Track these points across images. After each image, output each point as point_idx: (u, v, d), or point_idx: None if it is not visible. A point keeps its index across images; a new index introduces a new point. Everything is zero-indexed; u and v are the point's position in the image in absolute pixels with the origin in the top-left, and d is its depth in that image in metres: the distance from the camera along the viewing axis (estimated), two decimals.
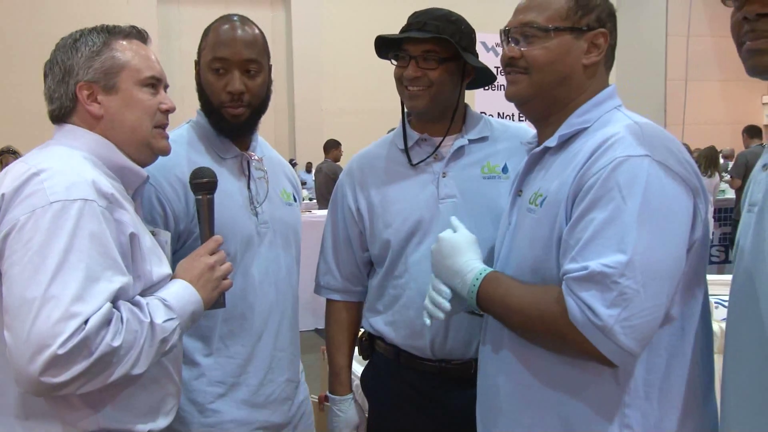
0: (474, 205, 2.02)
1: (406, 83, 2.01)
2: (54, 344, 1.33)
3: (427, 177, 2.07)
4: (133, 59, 1.66)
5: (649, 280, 1.36)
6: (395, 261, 2.07)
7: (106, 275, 1.44)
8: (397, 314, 2.07)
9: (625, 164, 1.40)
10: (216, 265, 1.73)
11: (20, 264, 1.39)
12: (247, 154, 2.11)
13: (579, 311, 1.38)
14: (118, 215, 1.53)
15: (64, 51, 1.65)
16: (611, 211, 1.38)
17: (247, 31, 2.03)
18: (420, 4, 2.44)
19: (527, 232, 1.60)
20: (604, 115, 1.58)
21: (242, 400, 2.06)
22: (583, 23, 1.59)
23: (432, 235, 2.00)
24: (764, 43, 1.25)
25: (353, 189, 2.17)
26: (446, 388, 2.02)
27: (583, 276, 1.37)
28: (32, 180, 1.45)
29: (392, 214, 2.07)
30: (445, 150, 2.08)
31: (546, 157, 1.64)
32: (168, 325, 1.54)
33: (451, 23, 2.01)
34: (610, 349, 1.37)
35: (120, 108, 1.65)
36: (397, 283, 2.08)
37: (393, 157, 2.15)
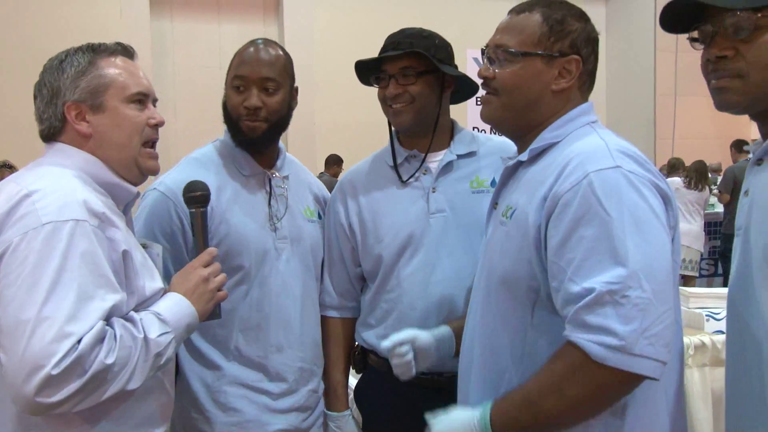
0: (463, 220, 2.03)
1: (389, 102, 2.06)
2: (48, 365, 1.34)
3: (417, 192, 2.09)
4: (119, 76, 1.66)
5: (655, 285, 1.34)
6: (387, 276, 2.08)
7: (99, 294, 1.45)
8: (390, 328, 2.07)
9: (600, 177, 1.39)
10: (210, 277, 1.73)
11: (14, 285, 1.40)
12: (269, 172, 2.17)
13: (597, 345, 1.33)
14: (110, 233, 1.53)
15: (51, 72, 1.65)
16: (598, 225, 1.36)
17: (269, 52, 2.13)
18: (412, 19, 2.45)
19: (498, 244, 1.59)
20: (576, 131, 1.57)
21: (265, 405, 2.11)
22: (555, 49, 1.58)
23: (423, 249, 2.03)
24: (725, 82, 1.34)
25: (345, 205, 2.19)
26: (437, 399, 1.99)
27: (592, 300, 1.34)
28: (24, 201, 1.46)
29: (383, 230, 2.08)
30: (434, 165, 2.10)
31: (519, 170, 1.64)
32: (162, 339, 1.54)
33: (423, 38, 2.07)
34: (644, 365, 1.33)
35: (108, 126, 1.65)
36: (389, 297, 2.08)
37: (383, 174, 2.16)
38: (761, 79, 1.31)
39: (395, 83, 2.05)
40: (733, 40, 1.30)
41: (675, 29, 1.42)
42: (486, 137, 2.22)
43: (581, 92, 1.65)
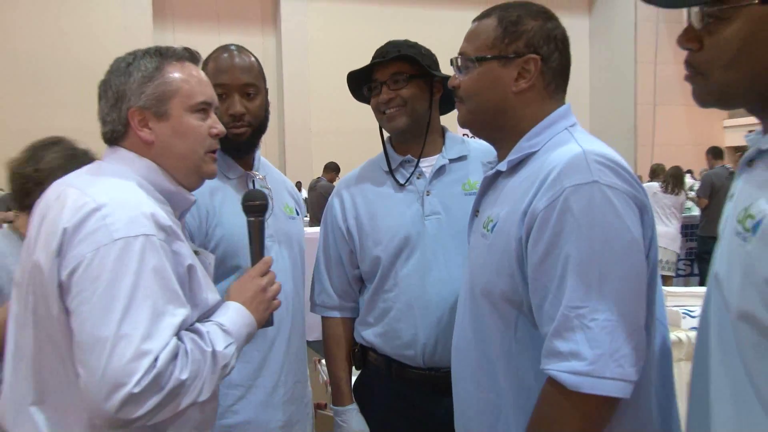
0: (457, 221, 2.02)
1: (383, 108, 2.06)
2: (129, 383, 1.32)
3: (412, 196, 2.09)
4: (185, 84, 1.59)
5: (625, 306, 1.31)
6: (385, 276, 2.08)
7: (169, 309, 1.42)
8: (388, 326, 2.08)
9: (576, 193, 1.33)
10: (267, 286, 1.70)
11: (89, 302, 1.36)
12: (251, 174, 2.15)
13: (569, 374, 1.31)
14: (175, 247, 1.49)
15: (118, 75, 1.57)
16: (573, 245, 1.33)
17: (243, 58, 2.09)
18: (401, 33, 2.46)
19: (480, 256, 1.55)
20: (554, 138, 1.50)
21: (259, 402, 2.08)
22: (511, 50, 1.52)
23: (419, 251, 2.03)
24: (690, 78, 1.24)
25: (343, 210, 2.19)
26: (436, 395, 2.00)
27: (560, 324, 1.32)
28: (93, 216, 1.40)
29: (381, 232, 2.08)
30: (427, 169, 2.10)
31: (499, 180, 1.58)
32: (228, 351, 1.52)
33: (410, 47, 2.09)
34: (613, 387, 1.30)
35: (171, 135, 1.58)
36: (387, 296, 2.08)
37: (378, 179, 2.17)
38: (722, 79, 1.17)
39: (387, 89, 2.04)
40: (698, 31, 1.19)
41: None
42: (476, 141, 2.21)
43: (549, 92, 1.54)
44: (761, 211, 1.08)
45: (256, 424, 2.08)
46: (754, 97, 1.18)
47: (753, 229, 1.09)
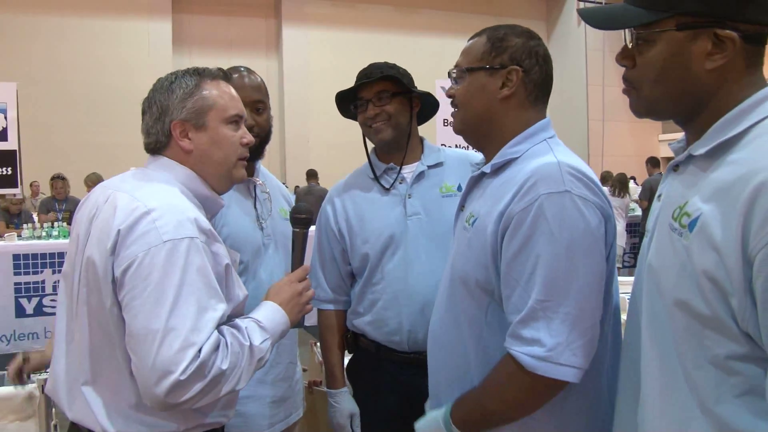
0: (435, 220, 2.03)
1: (369, 123, 2.05)
2: (177, 371, 1.31)
3: (396, 199, 2.08)
4: (220, 99, 1.58)
5: (584, 303, 1.30)
6: (373, 271, 2.07)
7: (212, 304, 1.40)
8: (376, 315, 2.07)
9: (550, 201, 1.32)
10: (303, 291, 1.69)
11: (141, 297, 1.35)
12: (252, 180, 2.14)
13: (528, 357, 1.30)
14: (214, 248, 1.47)
15: (162, 92, 1.56)
16: (543, 245, 1.31)
17: (253, 78, 2.09)
18: (390, 56, 2.47)
19: (461, 247, 1.54)
20: (534, 147, 1.49)
21: (255, 379, 2.02)
22: (497, 62, 1.50)
23: (402, 247, 2.02)
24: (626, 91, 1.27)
25: (334, 214, 2.17)
26: (419, 374, 1.95)
27: (527, 314, 1.31)
28: (144, 219, 1.39)
29: (368, 232, 2.07)
30: (408, 175, 2.10)
31: (483, 180, 1.57)
32: (264, 346, 1.51)
33: (390, 68, 2.08)
34: (567, 373, 1.30)
35: (208, 144, 1.57)
36: (375, 289, 2.07)
37: (365, 185, 2.15)
38: (649, 94, 1.21)
39: (373, 106, 2.04)
40: (631, 50, 1.22)
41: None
42: (450, 150, 2.22)
43: (530, 102, 1.53)
44: (698, 209, 1.08)
45: (252, 399, 2.07)
46: (678, 109, 1.20)
47: (690, 226, 1.09)
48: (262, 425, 2.11)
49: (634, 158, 15.94)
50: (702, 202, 1.08)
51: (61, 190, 8.45)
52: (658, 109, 1.23)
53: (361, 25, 15.81)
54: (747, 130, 1.08)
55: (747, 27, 1.10)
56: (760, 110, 1.09)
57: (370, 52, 15.20)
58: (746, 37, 1.10)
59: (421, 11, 16.45)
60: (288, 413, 2.21)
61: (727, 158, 1.08)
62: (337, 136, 14.96)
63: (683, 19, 1.12)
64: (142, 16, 13.96)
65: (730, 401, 1.05)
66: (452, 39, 16.17)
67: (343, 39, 15.64)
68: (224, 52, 14.20)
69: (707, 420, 1.07)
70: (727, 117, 1.11)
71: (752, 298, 0.99)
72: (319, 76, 15.30)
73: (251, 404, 2.07)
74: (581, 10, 1.28)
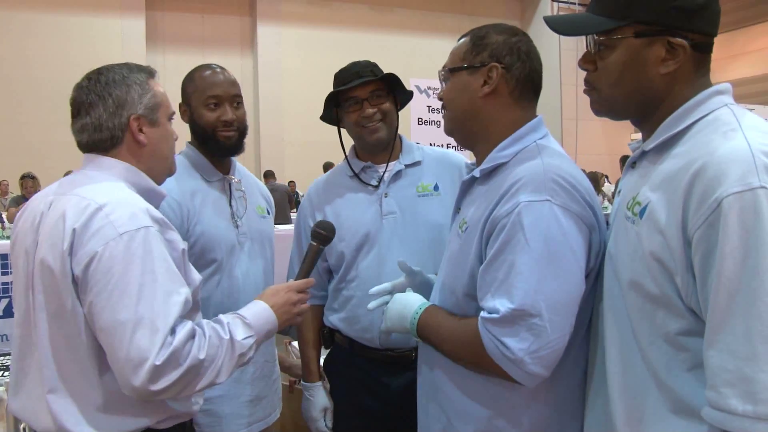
0: (411, 219, 2.05)
1: (364, 122, 2.04)
2: (151, 357, 1.33)
3: (372, 197, 2.09)
4: (164, 97, 1.64)
5: (553, 315, 1.31)
6: (348, 268, 2.08)
7: (175, 288, 1.42)
8: (350, 311, 2.08)
9: (529, 209, 1.34)
10: (298, 303, 1.71)
11: (106, 291, 1.36)
12: (228, 177, 2.14)
13: (494, 347, 1.34)
14: (168, 236, 1.49)
15: (116, 86, 1.57)
16: (517, 254, 1.33)
17: (227, 74, 2.12)
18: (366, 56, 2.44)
19: (453, 253, 1.55)
20: (523, 151, 1.49)
21: (232, 378, 2.05)
22: (477, 60, 1.52)
23: (377, 246, 2.03)
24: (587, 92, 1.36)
25: (312, 211, 2.18)
26: (391, 371, 2.02)
27: (496, 318, 1.33)
28: (98, 215, 1.40)
29: (344, 230, 2.06)
30: (386, 174, 2.09)
31: (475, 185, 1.58)
32: (247, 342, 1.52)
33: (374, 66, 2.09)
34: (521, 376, 1.34)
35: (158, 139, 1.61)
36: (349, 286, 2.08)
37: (343, 184, 2.16)
38: (608, 94, 1.31)
39: (368, 105, 2.03)
40: (593, 55, 1.32)
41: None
42: (429, 148, 2.23)
43: (513, 98, 1.52)
44: (646, 198, 1.19)
45: (228, 398, 2.07)
46: (634, 109, 1.31)
47: (640, 214, 1.20)
48: (240, 424, 2.10)
49: (607, 157, 16.12)
50: (650, 191, 1.19)
51: (31, 189, 8.38)
52: (616, 108, 1.33)
53: (335, 24, 15.77)
54: (690, 127, 1.20)
55: (695, 36, 1.22)
56: (702, 109, 1.20)
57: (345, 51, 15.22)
58: (694, 45, 1.22)
59: (396, 10, 16.45)
60: (266, 413, 2.20)
61: (673, 151, 1.20)
62: (310, 134, 14.94)
63: (640, 28, 1.23)
64: (115, 13, 13.78)
65: (682, 375, 1.14)
66: (426, 38, 16.23)
67: (318, 37, 15.60)
68: (198, 49, 14.08)
69: (662, 393, 1.16)
70: (674, 115, 1.22)
71: (693, 275, 1.08)
72: (293, 74, 15.25)
73: (226, 403, 2.07)
74: (548, 18, 1.37)
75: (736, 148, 1.08)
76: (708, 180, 1.06)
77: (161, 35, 14.60)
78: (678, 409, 1.14)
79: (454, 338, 1.46)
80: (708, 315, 1.06)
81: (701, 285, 1.07)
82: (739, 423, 1.01)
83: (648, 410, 1.19)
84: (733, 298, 1.02)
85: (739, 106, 1.21)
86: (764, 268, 1.00)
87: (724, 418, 1.03)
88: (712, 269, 1.04)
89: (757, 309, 1.00)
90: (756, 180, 1.03)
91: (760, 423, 0.99)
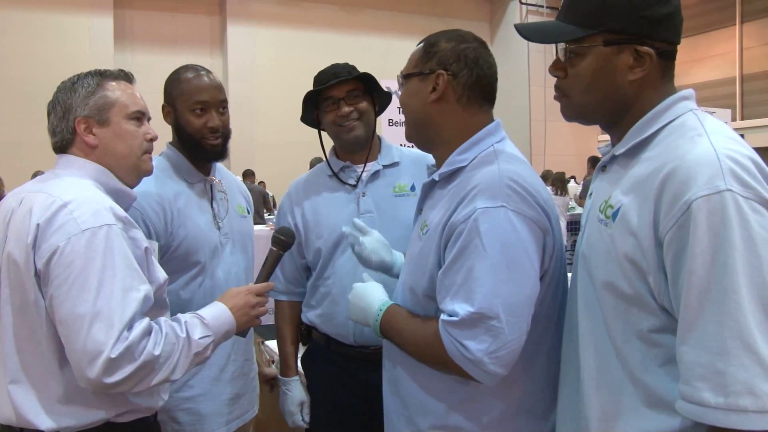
0: (387, 218, 2.08)
1: (341, 121, 2.07)
2: (106, 350, 1.36)
3: (350, 196, 2.12)
4: (121, 97, 1.65)
5: (510, 317, 1.35)
6: (325, 265, 2.11)
7: (134, 285, 1.46)
8: (326, 308, 2.11)
9: (485, 215, 1.38)
10: (257, 306, 1.74)
11: (66, 284, 1.40)
12: (209, 179, 2.15)
13: (454, 348, 1.38)
14: (132, 234, 1.53)
15: (65, 92, 1.64)
16: (474, 259, 1.37)
17: (214, 78, 2.11)
18: (335, 57, 2.46)
19: (414, 254, 1.59)
20: (480, 155, 1.53)
21: (212, 377, 2.09)
22: (426, 68, 1.56)
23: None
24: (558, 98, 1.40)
25: (291, 209, 2.20)
26: (366, 368, 2.04)
27: (456, 321, 1.38)
28: (62, 211, 1.45)
29: (322, 228, 2.10)
30: (364, 174, 2.13)
31: (435, 188, 1.61)
32: (203, 342, 1.56)
33: (353, 68, 2.12)
34: (481, 375, 1.39)
35: (111, 138, 1.64)
36: (326, 283, 2.11)
37: (322, 183, 2.19)
38: (579, 101, 1.35)
39: (345, 104, 2.06)
40: (563, 62, 1.37)
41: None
42: (407, 150, 2.27)
43: (461, 104, 1.55)
44: (619, 201, 1.24)
45: (208, 396, 2.08)
46: (604, 114, 1.36)
47: (613, 216, 1.24)
48: (219, 422, 2.12)
49: (575, 157, 16.32)
50: (622, 195, 1.23)
51: None
52: (586, 114, 1.38)
53: (306, 24, 15.71)
54: (658, 131, 1.25)
55: (660, 44, 1.27)
56: (669, 114, 1.26)
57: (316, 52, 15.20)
58: (660, 53, 1.27)
59: (367, 11, 16.45)
60: (244, 410, 2.23)
61: (643, 156, 1.25)
62: (281, 135, 14.92)
63: (609, 36, 1.27)
64: (83, 11, 13.54)
65: (655, 370, 1.19)
66: (397, 39, 16.24)
67: (289, 38, 15.53)
68: (167, 49, 13.92)
69: (636, 389, 1.21)
70: (642, 120, 1.28)
71: (665, 274, 1.14)
72: (264, 74, 15.16)
73: (207, 402, 2.08)
74: (519, 25, 1.41)
75: (704, 152, 1.13)
76: (678, 184, 1.12)
77: (130, 34, 14.40)
78: (652, 403, 1.19)
79: (416, 340, 1.50)
80: (680, 313, 1.11)
81: (673, 284, 1.13)
82: (712, 415, 1.06)
83: (623, 405, 1.24)
84: (704, 297, 1.07)
85: (701, 110, 1.27)
86: (732, 267, 1.05)
87: (698, 411, 1.08)
88: (683, 269, 1.09)
89: (727, 306, 1.05)
90: (723, 183, 1.08)
91: (731, 414, 1.04)
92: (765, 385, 1.03)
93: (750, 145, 1.19)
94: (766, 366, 1.03)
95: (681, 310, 1.11)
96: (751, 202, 1.07)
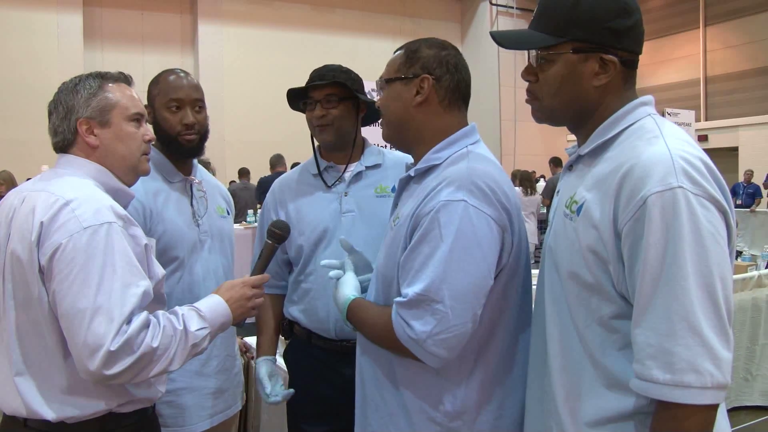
0: (368, 218, 2.14)
1: (315, 123, 2.14)
2: (106, 343, 1.42)
3: (333, 196, 2.18)
4: (121, 99, 1.70)
5: (455, 303, 1.44)
6: (307, 261, 2.16)
7: (134, 281, 1.51)
8: (308, 304, 2.16)
9: (446, 207, 1.47)
10: (253, 298, 1.79)
11: (68, 280, 1.45)
12: (189, 179, 2.20)
13: (401, 329, 1.48)
14: (132, 231, 1.58)
15: (66, 93, 1.67)
16: (431, 247, 1.46)
17: (190, 79, 2.19)
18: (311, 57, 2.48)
19: (386, 244, 1.67)
20: (454, 155, 1.61)
21: (194, 371, 2.14)
22: (410, 72, 1.65)
23: (335, 241, 2.11)
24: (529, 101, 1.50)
25: (275, 206, 2.26)
26: (347, 361, 2.08)
27: (404, 302, 1.47)
28: (64, 209, 1.50)
29: (305, 225, 2.16)
30: (347, 174, 2.20)
31: (410, 183, 1.70)
32: (200, 333, 1.62)
33: (343, 72, 2.18)
34: (425, 356, 1.48)
35: (112, 140, 1.68)
36: (308, 279, 2.16)
37: (306, 181, 2.24)
38: (550, 104, 1.44)
39: (320, 107, 2.13)
40: (535, 68, 1.44)
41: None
42: (390, 152, 2.34)
43: (443, 107, 1.66)
44: (582, 197, 1.34)
45: (191, 390, 2.13)
46: (571, 117, 1.46)
47: (577, 211, 1.35)
48: (202, 416, 2.17)
49: (544, 157, 16.43)
50: (586, 191, 1.34)
51: None
52: (555, 116, 1.48)
53: (277, 23, 15.67)
54: (619, 134, 1.36)
55: (623, 54, 1.38)
56: (629, 118, 1.37)
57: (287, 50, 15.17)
58: (623, 61, 1.38)
59: (337, 10, 16.47)
60: (228, 405, 2.28)
61: (605, 156, 1.36)
62: (251, 133, 14.88)
63: (577, 45, 1.38)
64: (51, 8, 13.33)
65: (614, 354, 1.30)
66: (367, 39, 16.30)
67: (259, 36, 15.48)
68: (138, 47, 13.80)
69: (596, 371, 1.32)
70: (605, 123, 1.38)
71: (623, 264, 1.24)
72: (234, 73, 15.09)
73: (188, 396, 2.13)
74: (494, 32, 1.50)
75: (658, 153, 1.24)
76: (635, 181, 1.22)
77: (99, 32, 14.22)
78: (611, 384, 1.30)
79: (375, 324, 1.60)
80: (635, 298, 1.22)
81: (629, 272, 1.23)
82: (659, 390, 1.17)
83: (584, 386, 1.34)
84: (655, 283, 1.18)
85: (659, 115, 1.39)
86: (681, 257, 1.16)
87: (648, 387, 1.19)
88: (639, 258, 1.20)
89: (675, 291, 1.16)
90: (675, 180, 1.18)
91: (676, 389, 1.15)
92: (707, 363, 1.13)
93: (714, 144, 1.27)
94: (708, 346, 1.14)
95: (636, 296, 1.21)
96: (700, 198, 1.18)
